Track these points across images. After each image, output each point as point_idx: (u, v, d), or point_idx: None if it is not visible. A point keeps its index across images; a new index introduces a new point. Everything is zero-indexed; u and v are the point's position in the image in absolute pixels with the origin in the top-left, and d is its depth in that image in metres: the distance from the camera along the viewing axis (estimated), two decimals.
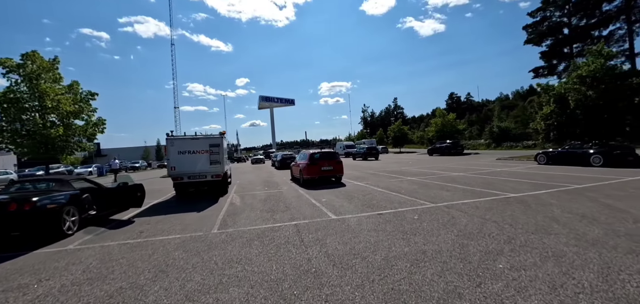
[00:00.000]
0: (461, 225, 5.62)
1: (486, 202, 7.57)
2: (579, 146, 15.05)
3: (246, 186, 14.44)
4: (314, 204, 8.60)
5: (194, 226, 6.75)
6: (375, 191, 10.44)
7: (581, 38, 32.68)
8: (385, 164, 23.70)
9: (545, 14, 35.35)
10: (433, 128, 39.68)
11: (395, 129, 53.20)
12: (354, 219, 6.50)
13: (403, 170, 17.63)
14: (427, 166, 19.34)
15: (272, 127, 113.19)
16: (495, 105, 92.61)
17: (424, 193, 9.34)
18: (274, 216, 7.31)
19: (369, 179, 13.89)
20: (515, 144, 39.35)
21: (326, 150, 14.24)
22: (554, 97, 17.89)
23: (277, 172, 22.80)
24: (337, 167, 12.86)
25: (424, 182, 11.79)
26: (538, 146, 35.40)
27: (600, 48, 17.21)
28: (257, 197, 10.64)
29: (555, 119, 17.56)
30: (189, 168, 10.65)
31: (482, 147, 44.05)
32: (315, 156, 13.04)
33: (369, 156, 33.26)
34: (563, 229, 5.10)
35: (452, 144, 32.27)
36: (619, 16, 29.75)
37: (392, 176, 14.93)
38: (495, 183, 10.62)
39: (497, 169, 15.14)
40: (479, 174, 13.44)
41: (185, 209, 9.08)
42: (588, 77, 16.34)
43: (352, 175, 16.34)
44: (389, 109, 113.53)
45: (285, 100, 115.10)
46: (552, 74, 35.55)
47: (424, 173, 15.21)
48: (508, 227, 5.35)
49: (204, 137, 10.99)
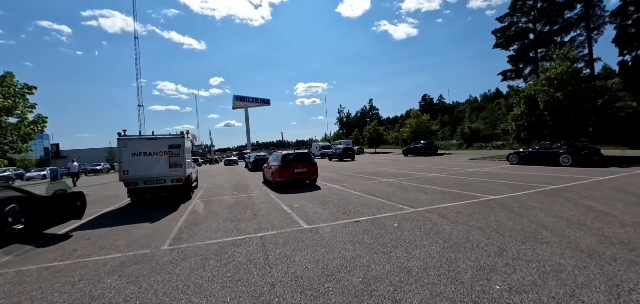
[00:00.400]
0: (445, 234, 5.09)
1: (467, 206, 7.16)
2: (549, 147, 15.37)
3: (214, 190, 13.35)
4: (285, 210, 7.83)
5: (142, 242, 5.76)
6: (351, 194, 9.83)
7: (545, 43, 34.27)
8: (362, 165, 23.34)
9: (513, 19, 36.76)
10: (408, 129, 40.11)
11: (371, 130, 53.44)
12: (328, 229, 5.80)
13: (379, 171, 17.25)
14: (403, 167, 19.13)
15: (247, 127, 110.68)
16: (465, 107, 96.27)
17: (402, 196, 8.84)
18: (238, 226, 6.46)
19: (344, 181, 13.30)
20: (485, 145, 40.67)
21: (300, 151, 13.50)
22: (524, 98, 18.27)
23: (249, 174, 21.72)
24: (311, 169, 12.15)
25: (401, 184, 11.36)
26: (507, 146, 36.74)
27: (566, 51, 17.78)
28: (223, 203, 9.69)
29: (525, 119, 17.93)
30: (145, 172, 9.49)
31: (454, 148, 45.19)
32: (288, 158, 12.25)
33: (345, 156, 32.90)
34: (553, 236, 4.70)
35: (426, 144, 32.63)
36: (580, 23, 31.46)
37: (369, 177, 14.45)
38: (472, 184, 10.37)
39: (471, 170, 15.11)
40: (455, 175, 13.26)
41: (137, 219, 7.98)
42: (555, 79, 16.78)
43: (327, 177, 15.70)
44: (364, 110, 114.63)
45: (260, 100, 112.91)
46: (519, 77, 37.07)
47: (401, 174, 14.87)
48: (495, 235, 4.88)
49: (163, 137, 9.86)
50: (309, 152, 14.64)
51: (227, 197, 10.78)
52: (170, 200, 10.48)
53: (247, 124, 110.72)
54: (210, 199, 10.72)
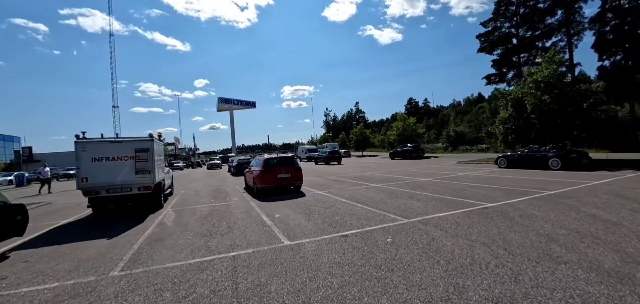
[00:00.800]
0: (446, 251, 4.42)
1: (464, 215, 6.56)
2: (538, 150, 15.17)
3: (190, 197, 12.34)
4: (265, 222, 7.01)
5: (89, 265, 4.82)
6: (338, 202, 9.10)
7: (528, 48, 34.82)
8: (348, 169, 22.70)
9: (496, 24, 37.23)
10: (394, 132, 39.90)
11: (357, 133, 53.11)
12: (312, 246, 5.04)
13: (367, 175, 16.63)
14: (391, 171, 18.60)
15: (232, 130, 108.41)
16: (449, 110, 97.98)
17: (393, 204, 8.18)
18: (209, 243, 5.60)
19: (331, 187, 12.58)
20: (470, 148, 40.98)
21: (283, 155, 12.67)
22: (511, 101, 18.12)
23: (231, 179, 20.69)
24: (295, 174, 11.35)
25: (390, 190, 10.73)
26: (491, 149, 37.08)
27: (552, 55, 17.76)
28: (197, 213, 8.75)
29: (513, 123, 17.76)
30: (107, 179, 8.45)
31: (439, 151, 45.40)
32: (271, 162, 11.42)
33: (332, 160, 32.25)
34: (569, 253, 4.11)
35: (413, 147, 32.41)
36: (560, 29, 32.10)
37: (356, 182, 13.79)
38: (465, 190, 9.84)
39: (461, 174, 14.70)
40: (445, 180, 12.77)
41: (94, 233, 6.97)
42: (542, 82, 16.68)
43: (313, 182, 14.94)
44: (350, 113, 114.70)
45: (245, 102, 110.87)
46: (502, 81, 37.55)
47: (389, 179, 14.29)
48: (504, 253, 4.24)
49: (128, 140, 8.85)
50: (293, 156, 13.85)
51: (202, 206, 9.83)
52: (138, 210, 9.44)
53: (232, 126, 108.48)
54: (183, 208, 9.74)
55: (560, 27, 32.26)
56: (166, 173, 12.33)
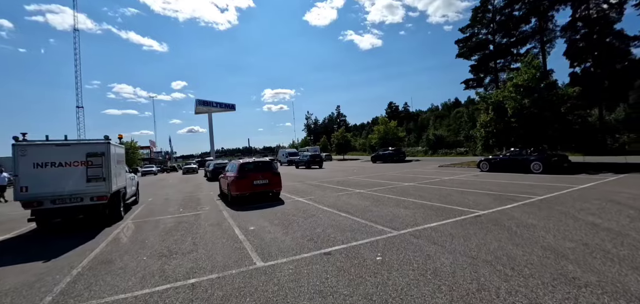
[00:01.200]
0: (446, 272, 3.79)
1: (457, 225, 6.00)
2: (519, 154, 15.13)
3: (157, 206, 11.21)
4: (237, 236, 6.15)
5: (8, 300, 3.81)
6: (320, 210, 8.36)
7: (503, 54, 35.72)
8: (330, 173, 22.05)
9: (473, 30, 38.01)
10: (376, 135, 39.76)
11: (338, 137, 52.75)
12: (290, 268, 4.26)
13: (350, 180, 16.02)
14: (374, 175, 18.11)
15: (211, 133, 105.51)
16: (427, 114, 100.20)
17: (380, 213, 7.54)
18: (166, 266, 4.69)
19: (312, 194, 11.83)
20: (449, 151, 41.54)
21: (260, 159, 11.78)
22: (492, 105, 18.14)
23: (207, 185, 19.49)
24: (273, 180, 10.51)
25: (375, 197, 10.12)
26: (470, 152, 37.71)
27: (530, 59, 17.95)
28: (161, 225, 7.74)
29: (494, 126, 17.75)
30: (53, 188, 7.28)
31: (420, 154, 45.79)
32: (246, 167, 10.53)
33: (313, 164, 31.51)
34: (585, 273, 3.57)
35: (394, 151, 32.27)
36: (534, 36, 33.12)
37: (339, 188, 13.12)
38: (452, 196, 9.39)
39: (445, 178, 14.38)
40: (430, 184, 12.35)
41: (31, 254, 5.85)
42: (522, 86, 16.76)
43: (293, 188, 14.13)
44: (332, 117, 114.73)
45: (224, 105, 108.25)
46: (480, 85, 38.30)
47: (373, 184, 13.73)
48: (512, 274, 3.66)
49: (79, 142, 7.72)
50: (271, 161, 13.04)
51: (168, 217, 8.80)
52: (91, 224, 8.28)
53: (210, 129, 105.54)
54: (146, 219, 8.67)
55: (534, 35, 33.28)
56: (130, 179, 11.14)
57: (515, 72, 18.22)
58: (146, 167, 45.97)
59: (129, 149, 40.63)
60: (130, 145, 40.71)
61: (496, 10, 35.79)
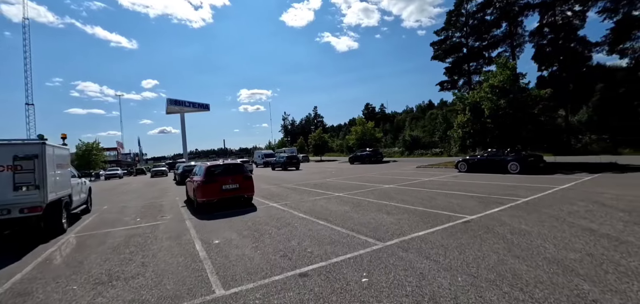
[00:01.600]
0: (446, 297, 3.14)
1: (447, 233, 5.44)
2: (496, 154, 15.14)
3: (111, 216, 9.92)
4: (197, 254, 5.23)
5: None
6: (295, 218, 7.57)
7: (476, 57, 36.70)
8: (307, 175, 21.28)
9: (448, 33, 38.79)
10: (354, 136, 39.50)
11: (316, 137, 52.14)
12: (257, 300, 3.44)
13: (328, 183, 15.33)
14: (352, 177, 17.55)
15: (183, 134, 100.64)
16: (403, 116, 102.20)
17: (361, 220, 6.87)
18: (98, 300, 3.71)
19: (288, 198, 11.00)
20: (425, 151, 42.09)
21: (231, 161, 10.77)
22: (469, 105, 18.17)
23: (175, 189, 18.05)
24: (245, 184, 9.56)
25: (355, 201, 9.48)
26: (445, 153, 38.38)
27: (504, 61, 18.16)
28: (109, 240, 6.62)
29: (470, 127, 17.76)
30: None
31: (396, 155, 46.13)
32: (214, 170, 9.52)
33: (289, 165, 30.59)
34: (604, 293, 3.05)
35: (372, 152, 32.06)
36: (505, 40, 34.25)
37: (316, 191, 12.38)
38: (436, 199, 8.93)
39: (424, 179, 14.06)
40: (411, 187, 11.92)
41: None
42: (498, 87, 16.87)
43: (267, 192, 13.22)
44: (309, 118, 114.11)
45: (198, 104, 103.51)
46: (454, 87, 39.16)
47: (352, 186, 13.12)
48: (524, 297, 3.06)
49: (3, 143, 6.42)
50: (242, 163, 12.09)
51: (121, 229, 7.65)
52: (23, 240, 6.97)
53: (183, 130, 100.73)
54: (93, 233, 7.47)
55: (505, 39, 34.41)
56: (78, 185, 9.77)
57: (490, 73, 18.35)
58: (111, 170, 42.94)
59: (91, 150, 37.71)
60: (92, 146, 37.74)
61: (469, 14, 36.73)
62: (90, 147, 37.13)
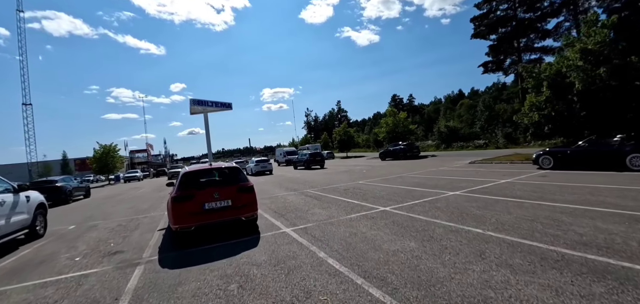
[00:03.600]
0: None
1: None
2: (602, 143, 10.75)
3: (57, 245, 6.91)
4: None
5: None
6: (322, 274, 4.02)
7: (528, 31, 31.22)
8: (334, 176, 17.69)
9: (492, 5, 33.52)
10: (384, 129, 35.29)
11: (340, 132, 48.35)
12: None
13: (362, 187, 11.67)
14: (391, 178, 13.77)
15: (207, 133, 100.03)
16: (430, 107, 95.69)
17: (456, 280, 3.19)
18: None
19: (310, 216, 7.49)
20: (465, 144, 37.11)
21: (220, 165, 7.27)
22: (547, 80, 13.70)
23: None
24: (241, 200, 6.06)
25: (418, 226, 5.77)
26: (491, 145, 33.31)
27: (595, 18, 13.52)
28: None
29: (550, 108, 13.33)
30: None
31: (431, 148, 41.37)
32: (193, 180, 6.17)
33: (313, 164, 27.13)
34: None
35: (407, 146, 27.90)
36: (566, 6, 28.62)
37: (350, 202, 8.78)
38: (567, 224, 5.02)
39: (500, 182, 10.03)
40: (490, 195, 8.01)
41: None
42: (592, 52, 12.33)
43: (282, 204, 9.81)
44: (332, 113, 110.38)
45: (220, 104, 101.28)
46: (499, 69, 33.98)
47: (398, 193, 9.40)
48: None
49: None
50: (238, 164, 8.77)
51: (18, 287, 4.49)
52: None
53: (206, 129, 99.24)
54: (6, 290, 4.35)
55: (565, 5, 28.76)
56: (10, 205, 6.82)
57: (575, 37, 13.75)
58: (129, 173, 41.81)
59: (108, 153, 36.45)
60: (109, 149, 36.46)
61: None
62: (107, 150, 35.90)
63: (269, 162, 26.67)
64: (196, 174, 6.38)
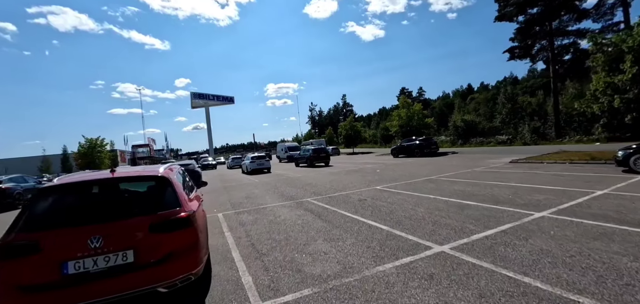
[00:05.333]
0: None
1: None
2: None
3: None
4: None
5: None
6: None
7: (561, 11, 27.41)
8: (342, 177, 14.42)
9: None
10: (396, 122, 31.75)
11: (347, 127, 44.89)
12: None
13: (383, 196, 8.41)
14: (418, 182, 10.48)
15: (208, 128, 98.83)
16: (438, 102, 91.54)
17: None
18: None
19: (309, 260, 4.26)
20: (486, 140, 33.52)
21: (127, 172, 3.62)
22: (632, 53, 10.20)
23: None
24: (166, 245, 2.84)
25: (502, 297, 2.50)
26: (518, 140, 29.71)
27: None
28: None
29: (638, 90, 9.85)
30: None
31: (445, 144, 37.86)
32: (71, 204, 2.94)
33: (317, 160, 23.89)
34: None
35: (425, 142, 24.47)
36: None
37: (371, 222, 5.56)
38: None
39: (589, 193, 6.70)
40: (606, 220, 4.70)
41: None
42: None
43: (268, 224, 6.60)
44: (337, 107, 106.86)
45: (222, 98, 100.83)
46: (526, 55, 30.24)
47: (442, 210, 6.14)
48: None
49: None
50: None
51: None
52: None
53: (208, 124, 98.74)
54: None
55: None
56: None
57: None
58: None
59: (94, 147, 33.55)
60: (95, 143, 33.56)
61: None
62: (93, 144, 33.05)
63: (266, 159, 23.47)
64: (71, 191, 3.15)
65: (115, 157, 43.98)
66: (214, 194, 12.25)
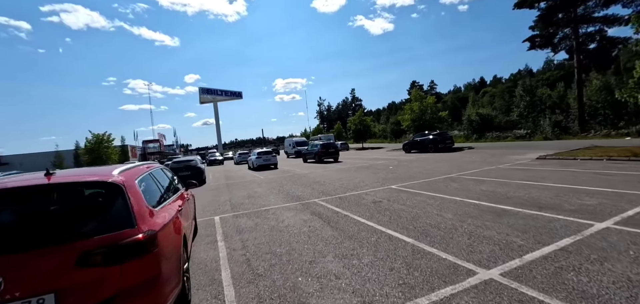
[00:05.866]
0: None
1: None
2: None
3: None
4: None
5: None
6: None
7: None
8: (353, 175, 13.47)
9: None
10: (408, 115, 30.44)
11: (356, 121, 43.76)
12: None
13: (401, 198, 7.44)
14: (438, 181, 9.45)
15: (217, 123, 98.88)
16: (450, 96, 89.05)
17: None
18: None
19: (316, 287, 3.34)
20: (503, 134, 31.98)
21: (62, 178, 2.56)
22: None
23: None
24: (111, 283, 2.02)
25: None
26: (538, 135, 28.14)
27: None
28: None
29: None
30: None
31: (459, 139, 36.39)
32: None
33: (325, 156, 22.95)
34: None
35: (439, 136, 23.22)
36: None
37: (391, 233, 4.61)
38: None
39: (622, 190, 5.59)
40: (624, 224, 3.63)
41: None
42: None
43: (269, 232, 5.72)
44: (346, 102, 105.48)
45: (230, 93, 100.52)
46: (548, 44, 28.50)
47: (473, 216, 5.14)
48: None
49: None
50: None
51: None
52: None
53: (216, 119, 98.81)
54: None
55: None
56: None
57: None
58: None
59: (101, 142, 33.32)
60: (101, 138, 33.32)
61: None
62: (100, 140, 32.84)
63: (273, 155, 22.62)
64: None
65: (126, 152, 43.86)
66: (214, 193, 11.46)
